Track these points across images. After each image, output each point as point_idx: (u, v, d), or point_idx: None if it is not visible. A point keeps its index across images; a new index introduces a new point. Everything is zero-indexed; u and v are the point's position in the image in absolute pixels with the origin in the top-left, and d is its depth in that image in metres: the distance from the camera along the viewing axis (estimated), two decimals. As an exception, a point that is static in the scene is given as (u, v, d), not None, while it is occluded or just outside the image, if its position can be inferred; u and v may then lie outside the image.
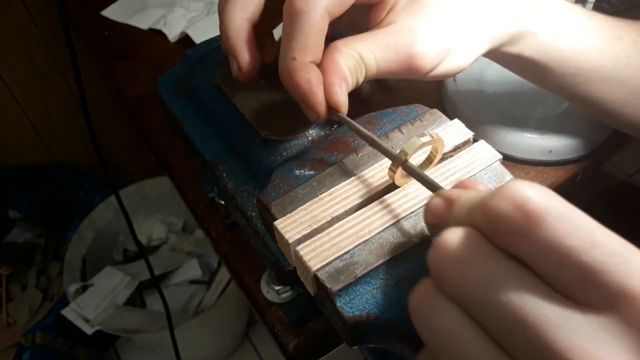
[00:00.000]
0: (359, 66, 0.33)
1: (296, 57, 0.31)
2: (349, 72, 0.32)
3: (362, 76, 0.33)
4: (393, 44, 0.34)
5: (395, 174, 0.29)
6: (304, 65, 0.31)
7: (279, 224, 0.29)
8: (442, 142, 0.30)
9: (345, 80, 0.32)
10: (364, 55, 0.33)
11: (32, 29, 1.13)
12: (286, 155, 0.35)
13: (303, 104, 0.32)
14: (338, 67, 0.32)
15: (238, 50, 0.35)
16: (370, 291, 0.27)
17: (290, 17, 0.32)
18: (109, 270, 1.27)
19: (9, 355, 1.27)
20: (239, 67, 0.35)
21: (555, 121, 0.55)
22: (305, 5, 0.31)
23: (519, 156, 0.55)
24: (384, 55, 0.33)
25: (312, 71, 0.31)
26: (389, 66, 0.34)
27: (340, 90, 0.32)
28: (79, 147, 1.34)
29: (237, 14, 0.34)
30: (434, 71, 0.36)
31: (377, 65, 0.34)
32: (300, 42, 0.31)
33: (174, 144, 0.64)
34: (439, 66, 0.36)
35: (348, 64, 0.32)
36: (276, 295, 0.47)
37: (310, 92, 0.31)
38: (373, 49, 0.33)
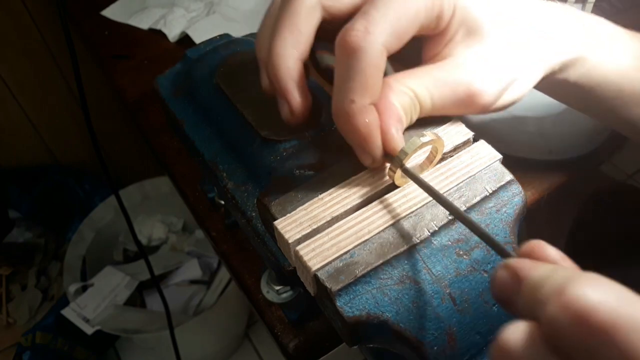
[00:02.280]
0: (413, 104, 0.31)
1: (355, 100, 0.29)
2: (403, 112, 0.30)
3: (417, 114, 0.31)
4: (451, 81, 0.32)
5: (395, 174, 0.29)
6: (364, 108, 0.29)
7: (279, 224, 0.29)
8: (442, 142, 0.30)
9: (401, 121, 0.30)
10: (419, 93, 0.31)
11: (32, 29, 1.13)
12: (286, 155, 0.35)
13: (358, 149, 0.30)
14: (393, 107, 0.30)
15: (290, 93, 0.32)
16: (370, 291, 0.27)
17: (345, 54, 0.29)
18: (109, 270, 1.27)
19: (9, 355, 1.27)
20: (290, 110, 0.32)
21: (555, 121, 0.55)
22: (363, 42, 0.28)
23: (519, 156, 0.55)
24: (441, 92, 0.31)
25: (371, 114, 0.29)
26: (445, 103, 0.32)
27: (397, 134, 0.30)
28: (79, 147, 1.34)
29: (289, 51, 0.31)
30: (493, 106, 0.34)
31: (433, 102, 0.31)
32: (359, 83, 0.29)
33: (174, 144, 0.64)
34: (498, 100, 0.34)
35: (403, 103, 0.30)
36: (276, 295, 0.47)
37: (369, 137, 0.29)
38: (429, 86, 0.31)
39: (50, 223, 1.40)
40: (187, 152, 0.44)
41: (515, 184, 0.31)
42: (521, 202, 0.31)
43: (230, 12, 0.80)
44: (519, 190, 0.31)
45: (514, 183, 0.31)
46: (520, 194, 0.31)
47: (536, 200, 0.54)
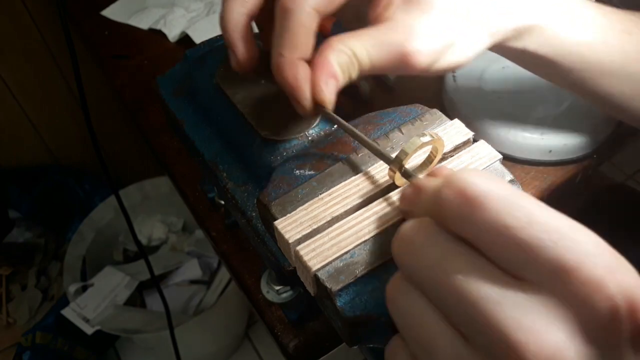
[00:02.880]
0: (352, 62, 0.33)
1: (284, 54, 0.32)
2: (339, 68, 0.33)
3: (355, 72, 0.34)
4: (387, 41, 0.34)
5: (395, 173, 0.29)
6: (292, 61, 0.32)
7: (279, 224, 0.29)
8: (442, 142, 0.30)
9: (334, 76, 0.32)
10: (357, 52, 0.33)
11: (32, 29, 1.13)
12: (286, 155, 0.35)
13: (291, 99, 0.33)
14: (327, 63, 0.32)
15: (235, 44, 0.36)
16: (370, 291, 0.27)
17: (279, 14, 0.33)
18: (109, 270, 1.27)
19: (9, 355, 1.27)
20: (236, 60, 0.36)
21: (555, 121, 0.54)
22: (293, 4, 0.32)
23: (519, 156, 0.55)
24: (378, 52, 0.34)
25: (299, 67, 0.32)
26: (383, 63, 0.34)
27: (326, 87, 0.32)
28: (79, 147, 1.34)
29: (236, 8, 0.35)
30: (431, 67, 0.36)
31: (371, 62, 0.34)
32: (287, 39, 0.32)
33: (174, 144, 0.64)
34: (436, 62, 0.36)
35: (339, 61, 0.33)
36: (276, 295, 0.47)
37: (296, 88, 0.32)
38: (366, 45, 0.33)
39: (50, 223, 1.40)
40: (187, 152, 0.44)
41: (516, 184, 0.31)
42: (521, 202, 0.31)
43: (230, 12, 0.80)
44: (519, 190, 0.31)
45: (514, 183, 0.31)
46: (520, 194, 0.31)
47: (536, 200, 0.54)
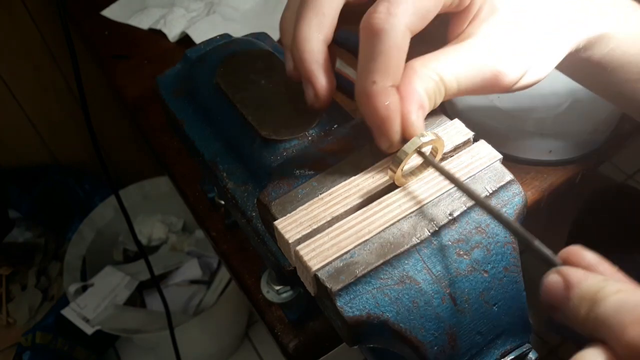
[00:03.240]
0: (438, 88, 0.30)
1: (377, 81, 0.29)
2: (427, 96, 0.30)
3: (441, 98, 0.31)
4: (477, 62, 0.31)
5: (396, 174, 0.29)
6: (385, 90, 0.29)
7: (279, 224, 0.29)
8: (442, 142, 0.30)
9: (423, 107, 0.30)
10: (445, 77, 0.30)
11: (32, 29, 1.13)
12: (286, 155, 0.35)
13: (376, 131, 0.30)
14: (415, 93, 0.29)
15: (316, 76, 0.32)
16: (370, 291, 0.27)
17: (368, 36, 0.29)
18: (109, 270, 1.27)
19: (9, 355, 1.27)
20: (315, 94, 0.32)
21: (555, 121, 0.55)
22: (387, 24, 0.28)
23: (519, 156, 0.55)
24: (467, 74, 0.31)
25: (391, 96, 0.29)
26: (471, 86, 0.31)
27: (417, 120, 0.29)
28: (79, 147, 1.34)
29: (314, 34, 0.31)
30: (515, 86, 0.33)
31: (459, 85, 0.31)
32: (381, 64, 0.29)
33: (174, 144, 0.64)
34: (521, 81, 0.33)
35: (427, 88, 0.30)
36: (276, 295, 0.47)
37: (387, 119, 0.29)
38: (455, 68, 0.31)
39: (50, 223, 1.39)
40: (187, 152, 0.44)
41: (516, 184, 0.31)
42: (521, 202, 0.31)
43: (230, 12, 0.80)
44: (519, 190, 0.31)
45: (514, 183, 0.31)
46: (520, 194, 0.31)
47: (536, 200, 0.54)
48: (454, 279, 0.29)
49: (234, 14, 0.80)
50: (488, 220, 0.30)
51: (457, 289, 0.29)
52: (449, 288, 0.28)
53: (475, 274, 0.29)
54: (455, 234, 0.29)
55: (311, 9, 0.31)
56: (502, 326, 0.30)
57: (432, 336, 0.28)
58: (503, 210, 0.31)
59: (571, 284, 0.21)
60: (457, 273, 0.29)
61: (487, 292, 0.29)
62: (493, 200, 0.31)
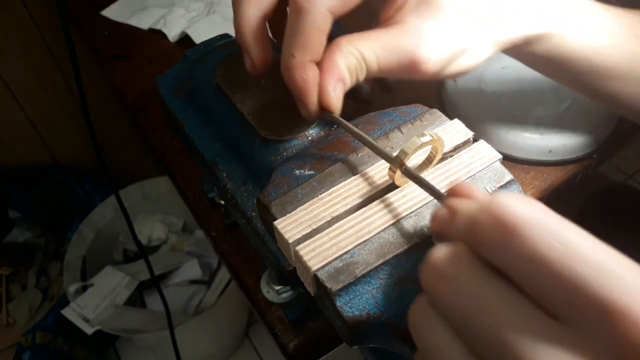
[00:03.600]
0: (360, 65, 0.33)
1: (295, 55, 0.31)
2: (347, 71, 0.32)
3: (363, 75, 0.33)
4: (397, 45, 0.34)
5: (395, 174, 0.29)
6: (302, 63, 0.32)
7: (279, 224, 0.29)
8: (442, 142, 0.30)
9: (342, 80, 0.32)
10: (366, 55, 0.33)
11: (32, 29, 1.13)
12: (286, 155, 0.35)
13: (297, 101, 0.33)
14: (336, 67, 0.32)
15: (250, 46, 0.35)
16: (370, 291, 0.27)
17: (292, 14, 0.32)
18: (109, 270, 1.27)
19: (9, 355, 1.27)
20: (251, 62, 0.35)
21: (555, 121, 0.55)
22: (307, 4, 0.31)
23: (519, 156, 0.55)
24: (387, 56, 0.33)
25: (309, 69, 0.32)
26: (391, 67, 0.34)
27: (334, 92, 0.32)
28: (79, 147, 1.34)
29: (251, 10, 0.34)
30: (438, 74, 0.36)
31: (379, 65, 0.33)
32: (300, 40, 0.31)
33: (174, 144, 0.64)
34: (443, 70, 0.36)
35: (348, 63, 0.32)
36: (276, 295, 0.47)
37: (304, 91, 0.32)
38: (376, 49, 0.33)
39: (50, 223, 1.40)
40: (187, 152, 0.44)
41: (515, 184, 0.31)
42: (521, 202, 0.31)
43: (230, 12, 0.80)
44: (519, 190, 0.31)
45: (514, 183, 0.31)
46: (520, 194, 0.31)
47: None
48: (454, 279, 0.29)
49: (234, 14, 0.80)
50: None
51: (457, 289, 0.29)
52: (449, 288, 0.28)
53: (475, 274, 0.29)
54: (455, 234, 0.29)
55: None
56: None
57: (432, 336, 0.28)
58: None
59: (454, 209, 0.22)
60: (457, 273, 0.29)
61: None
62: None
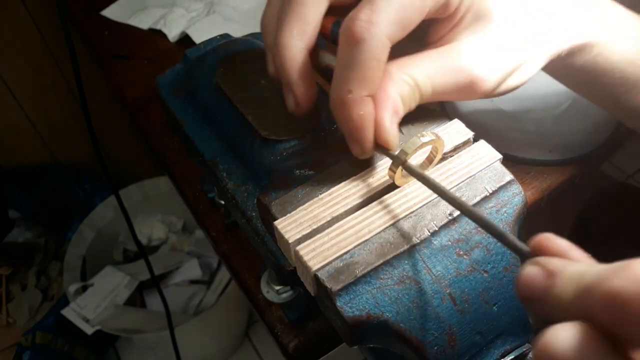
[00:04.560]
0: (413, 92, 0.30)
1: (353, 90, 0.28)
2: (401, 101, 0.30)
3: (416, 102, 0.31)
4: (452, 67, 0.31)
5: (395, 174, 0.29)
6: (360, 99, 0.29)
7: (279, 224, 0.29)
8: (442, 142, 0.30)
9: (397, 112, 0.30)
10: (420, 81, 0.30)
11: (32, 28, 1.13)
12: (286, 155, 0.35)
13: (349, 138, 0.30)
14: (390, 98, 0.29)
15: (296, 84, 0.31)
16: (370, 291, 0.27)
17: (347, 44, 0.28)
18: (109, 270, 1.27)
19: (9, 355, 1.27)
20: (296, 102, 0.32)
21: (555, 121, 0.55)
22: (367, 33, 0.28)
23: (519, 156, 0.55)
24: (442, 79, 0.31)
25: (366, 105, 0.29)
26: (447, 90, 0.31)
27: (391, 126, 0.29)
28: (79, 147, 1.34)
29: (295, 42, 0.31)
30: (493, 93, 0.34)
31: (434, 90, 0.31)
32: (358, 74, 0.28)
33: (174, 144, 0.64)
34: (498, 88, 0.34)
35: (402, 93, 0.30)
36: (276, 295, 0.47)
37: (361, 128, 0.29)
38: (430, 72, 0.31)
39: (50, 223, 1.39)
40: (187, 152, 0.44)
41: (516, 184, 0.31)
42: (521, 202, 0.31)
43: (230, 12, 0.80)
44: (519, 190, 0.31)
45: (514, 183, 0.31)
46: (520, 194, 0.31)
47: (536, 200, 0.54)
48: (453, 279, 0.29)
49: (234, 14, 0.80)
50: (488, 220, 0.30)
51: (457, 289, 0.29)
52: (449, 288, 0.28)
53: (475, 274, 0.29)
54: (455, 234, 0.29)
55: (293, 15, 0.31)
56: (502, 326, 0.30)
57: (432, 336, 0.28)
58: (503, 210, 0.31)
59: (553, 272, 0.19)
60: (457, 273, 0.29)
61: (487, 292, 0.29)
62: (493, 200, 0.31)
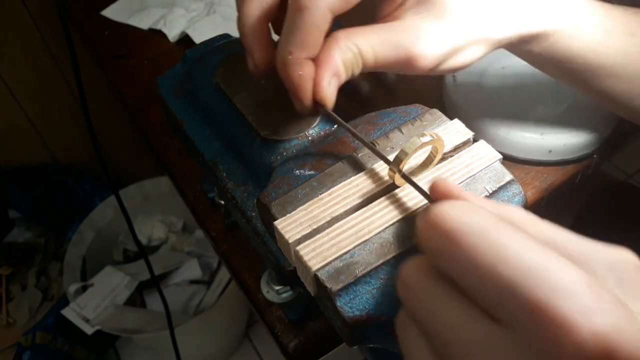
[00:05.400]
0: (356, 60, 0.33)
1: (292, 52, 0.32)
2: (343, 66, 0.33)
3: (359, 69, 0.34)
4: (394, 41, 0.34)
5: (396, 174, 0.29)
6: (299, 61, 0.32)
7: (279, 224, 0.29)
8: (442, 142, 0.30)
9: (338, 75, 0.32)
10: (363, 49, 0.33)
11: (32, 29, 1.13)
12: (286, 155, 0.35)
13: (291, 96, 0.33)
14: (332, 62, 0.32)
15: (253, 46, 0.35)
16: (370, 291, 0.27)
17: (292, 11, 0.32)
18: (109, 270, 1.27)
19: (9, 355, 1.27)
20: (253, 62, 0.35)
21: (555, 121, 0.55)
22: (309, 2, 0.31)
23: (519, 156, 0.55)
24: (384, 51, 0.34)
25: (305, 67, 0.32)
26: (387, 62, 0.34)
27: (328, 86, 0.32)
28: (79, 147, 1.34)
29: (254, 10, 0.34)
30: (433, 70, 0.36)
31: (376, 59, 0.34)
32: (298, 38, 0.32)
33: (174, 144, 0.64)
34: (439, 66, 0.36)
35: (344, 57, 0.32)
36: (276, 295, 0.47)
37: (299, 87, 0.32)
38: (373, 44, 0.33)
39: (50, 223, 1.40)
40: (187, 152, 0.44)
41: (516, 184, 0.31)
42: (521, 202, 0.31)
43: (230, 12, 0.80)
44: (519, 190, 0.31)
45: (514, 183, 0.31)
46: (520, 194, 0.31)
47: (536, 200, 0.54)
48: (454, 279, 0.29)
49: (234, 14, 0.80)
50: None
51: (457, 289, 0.29)
52: (449, 288, 0.28)
53: (475, 274, 0.29)
54: (455, 234, 0.29)
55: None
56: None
57: (432, 336, 0.28)
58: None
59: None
60: (457, 273, 0.29)
61: (487, 292, 0.29)
62: (493, 200, 0.31)
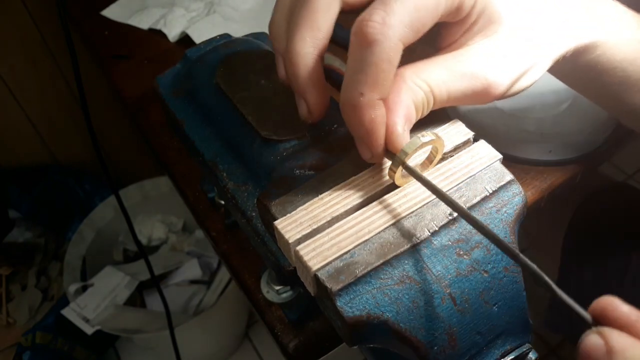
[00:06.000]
0: (427, 100, 0.30)
1: (364, 93, 0.28)
2: (415, 108, 0.29)
3: (430, 108, 0.30)
4: (468, 72, 0.31)
5: (395, 174, 0.29)
6: (372, 102, 0.28)
7: (279, 224, 0.29)
8: (442, 141, 0.30)
9: (410, 119, 0.29)
10: (435, 87, 0.30)
11: (32, 29, 1.13)
12: (286, 155, 0.35)
13: (359, 142, 0.30)
14: (404, 105, 0.29)
15: (308, 91, 0.31)
16: (370, 291, 0.27)
17: (359, 47, 0.28)
18: (109, 270, 1.27)
19: (9, 355, 1.27)
20: (309, 109, 0.32)
21: (555, 121, 0.55)
22: (380, 35, 0.27)
23: (519, 156, 0.55)
24: (458, 85, 0.31)
25: (378, 109, 0.28)
26: (461, 95, 0.31)
27: (403, 132, 0.29)
28: (79, 147, 1.34)
29: (307, 49, 0.30)
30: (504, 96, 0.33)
31: (449, 96, 0.31)
32: (370, 77, 0.27)
33: (174, 144, 0.64)
34: (509, 90, 0.34)
35: (416, 99, 0.29)
36: (276, 295, 0.47)
37: (372, 132, 0.28)
38: (445, 79, 0.30)
39: (50, 223, 1.40)
40: (187, 152, 0.44)
41: (516, 184, 0.31)
42: (521, 202, 0.31)
43: (230, 12, 0.80)
44: (519, 190, 0.31)
45: (514, 183, 0.31)
46: (520, 194, 0.31)
47: (536, 200, 0.54)
48: (454, 279, 0.29)
49: (234, 14, 0.80)
50: (488, 220, 0.30)
51: (457, 289, 0.29)
52: (449, 288, 0.28)
53: (475, 274, 0.29)
54: (455, 234, 0.29)
55: (305, 22, 0.30)
56: (502, 326, 0.30)
57: (432, 336, 0.28)
58: (503, 210, 0.31)
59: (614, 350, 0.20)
60: (457, 273, 0.29)
61: (487, 292, 0.29)
62: (493, 200, 0.31)
